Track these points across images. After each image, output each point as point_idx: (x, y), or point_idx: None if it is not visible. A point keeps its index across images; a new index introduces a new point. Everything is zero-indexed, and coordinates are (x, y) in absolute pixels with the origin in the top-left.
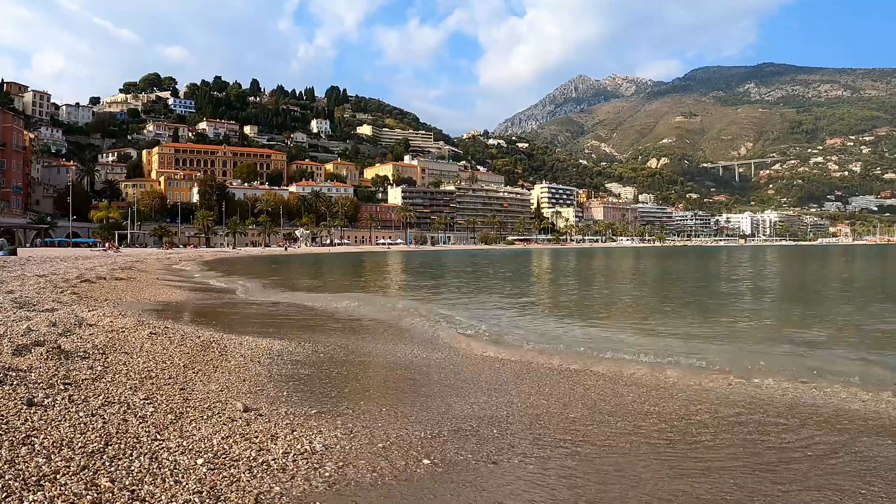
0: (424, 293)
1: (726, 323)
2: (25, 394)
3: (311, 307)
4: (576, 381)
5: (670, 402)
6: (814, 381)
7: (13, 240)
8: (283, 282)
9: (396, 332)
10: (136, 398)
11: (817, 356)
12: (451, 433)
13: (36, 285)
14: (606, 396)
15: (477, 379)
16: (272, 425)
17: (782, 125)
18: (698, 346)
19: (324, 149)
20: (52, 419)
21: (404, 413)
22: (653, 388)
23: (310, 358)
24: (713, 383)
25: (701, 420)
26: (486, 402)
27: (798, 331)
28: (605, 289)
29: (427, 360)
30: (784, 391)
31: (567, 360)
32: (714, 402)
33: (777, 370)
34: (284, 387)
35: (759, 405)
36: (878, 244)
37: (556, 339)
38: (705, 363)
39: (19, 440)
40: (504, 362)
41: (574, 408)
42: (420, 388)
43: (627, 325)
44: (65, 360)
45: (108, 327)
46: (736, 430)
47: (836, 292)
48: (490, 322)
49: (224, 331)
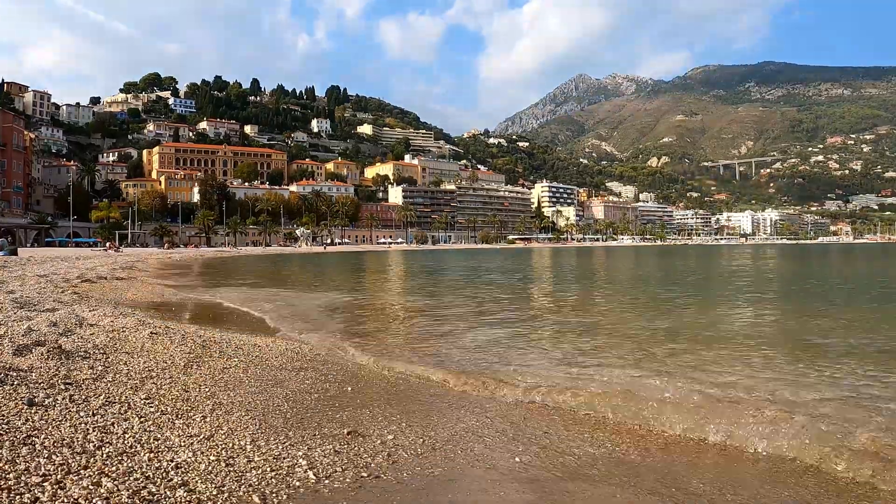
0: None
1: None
2: (26, 394)
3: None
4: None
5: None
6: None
7: (14, 240)
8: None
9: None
10: (137, 398)
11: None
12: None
13: (37, 285)
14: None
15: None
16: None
17: (783, 124)
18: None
19: (324, 148)
20: (52, 419)
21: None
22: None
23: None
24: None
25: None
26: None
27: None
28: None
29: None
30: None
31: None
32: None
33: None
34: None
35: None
36: (879, 242)
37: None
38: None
39: (20, 440)
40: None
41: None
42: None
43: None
44: (65, 360)
45: (109, 327)
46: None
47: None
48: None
49: (224, 330)
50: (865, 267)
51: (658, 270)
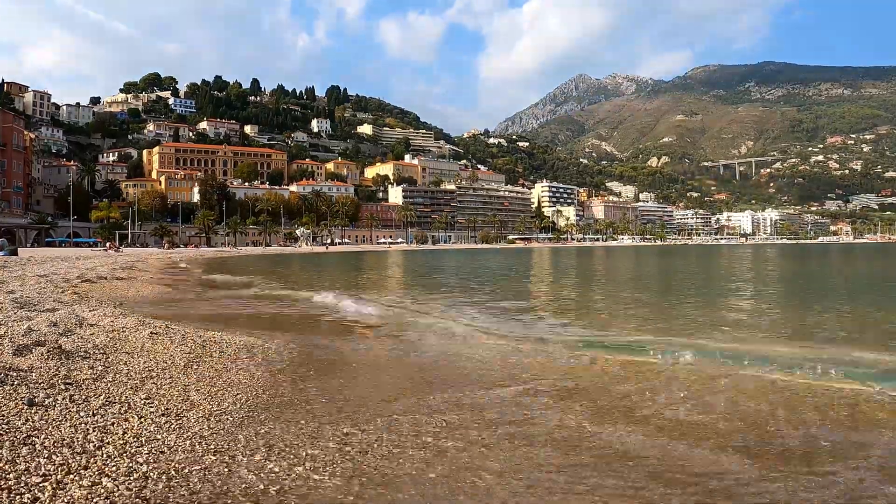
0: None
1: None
2: (26, 394)
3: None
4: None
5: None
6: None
7: (14, 240)
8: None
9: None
10: (137, 398)
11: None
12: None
13: (37, 285)
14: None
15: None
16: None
17: (783, 124)
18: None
19: (324, 148)
20: (53, 419)
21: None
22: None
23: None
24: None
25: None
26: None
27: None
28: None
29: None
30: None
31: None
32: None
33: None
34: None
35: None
36: (879, 242)
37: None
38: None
39: (20, 440)
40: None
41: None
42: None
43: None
44: (66, 360)
45: (109, 327)
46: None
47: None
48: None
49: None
50: (868, 266)
51: (658, 271)
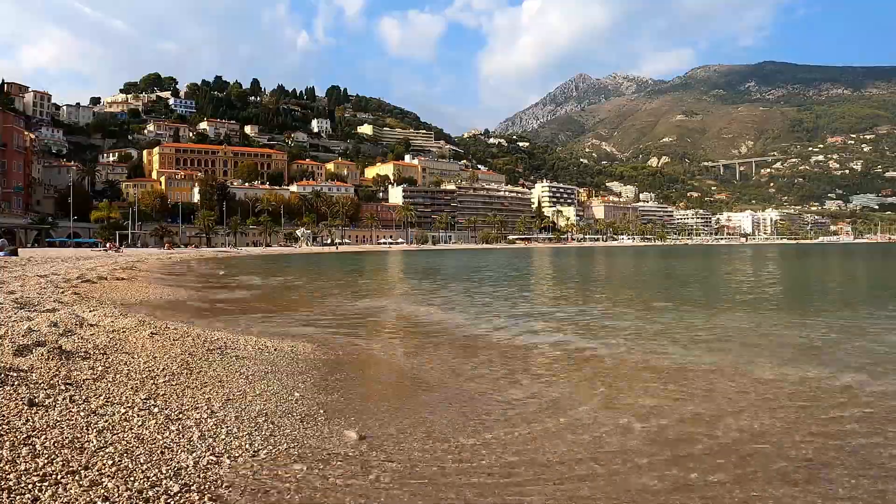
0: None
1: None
2: (27, 394)
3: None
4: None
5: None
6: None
7: (14, 240)
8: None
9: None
10: (138, 398)
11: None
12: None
13: (37, 285)
14: None
15: None
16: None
17: (783, 123)
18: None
19: (325, 148)
20: (53, 419)
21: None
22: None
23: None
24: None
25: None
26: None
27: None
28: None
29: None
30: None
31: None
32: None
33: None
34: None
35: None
36: (880, 242)
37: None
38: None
39: (21, 440)
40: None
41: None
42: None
43: None
44: (66, 360)
45: (110, 327)
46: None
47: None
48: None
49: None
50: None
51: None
